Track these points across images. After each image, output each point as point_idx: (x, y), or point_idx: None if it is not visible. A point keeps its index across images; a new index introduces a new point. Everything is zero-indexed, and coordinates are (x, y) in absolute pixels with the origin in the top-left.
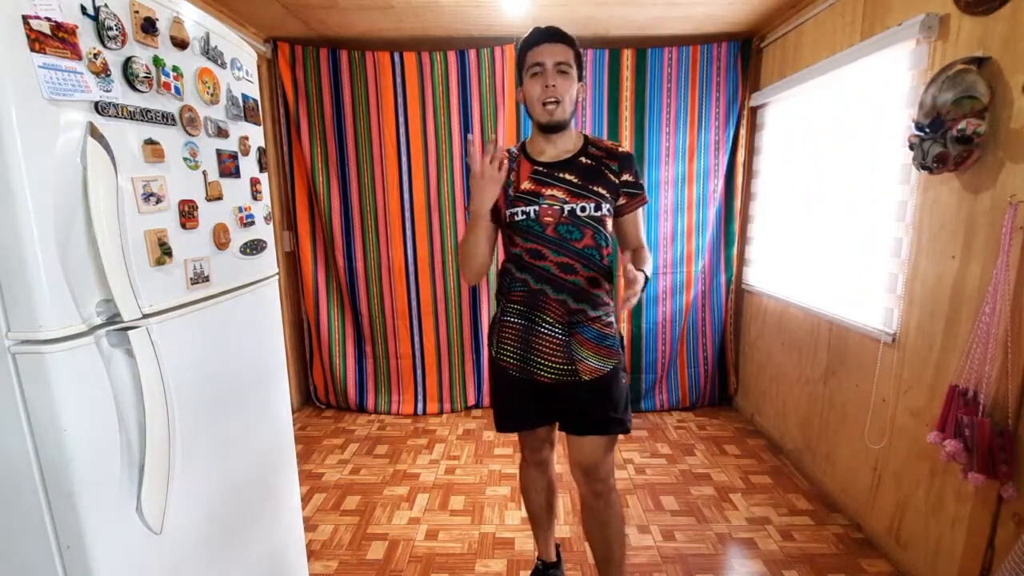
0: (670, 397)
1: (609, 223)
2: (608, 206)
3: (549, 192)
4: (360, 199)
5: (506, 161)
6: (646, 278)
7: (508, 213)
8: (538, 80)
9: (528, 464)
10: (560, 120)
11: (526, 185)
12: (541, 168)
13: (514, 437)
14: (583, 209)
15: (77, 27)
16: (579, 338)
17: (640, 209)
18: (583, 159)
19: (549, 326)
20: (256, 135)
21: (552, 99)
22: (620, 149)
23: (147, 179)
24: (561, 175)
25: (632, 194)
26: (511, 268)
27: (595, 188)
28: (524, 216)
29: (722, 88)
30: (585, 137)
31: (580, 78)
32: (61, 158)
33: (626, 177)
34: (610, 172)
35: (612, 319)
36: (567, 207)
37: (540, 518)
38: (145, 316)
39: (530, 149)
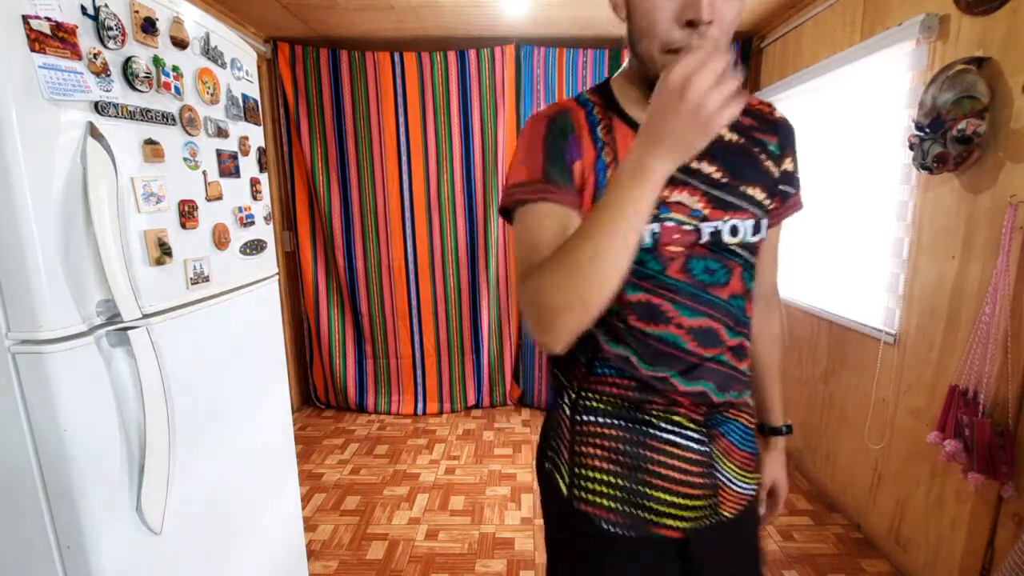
0: None
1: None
2: (767, 221)
3: (675, 195)
4: (360, 199)
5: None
6: (787, 430)
7: None
8: None
9: None
10: None
11: None
12: None
13: (514, 436)
14: (734, 231)
15: (77, 27)
16: (723, 444)
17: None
18: (727, 131)
19: (676, 428)
20: (256, 135)
21: (704, 18)
22: (777, 113)
23: (147, 179)
24: (693, 163)
25: (787, 194)
26: (595, 332)
27: (749, 190)
28: None
29: None
30: None
31: None
32: (61, 158)
33: (787, 165)
34: (767, 156)
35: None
36: (707, 227)
37: None
38: (145, 316)
39: (627, 102)
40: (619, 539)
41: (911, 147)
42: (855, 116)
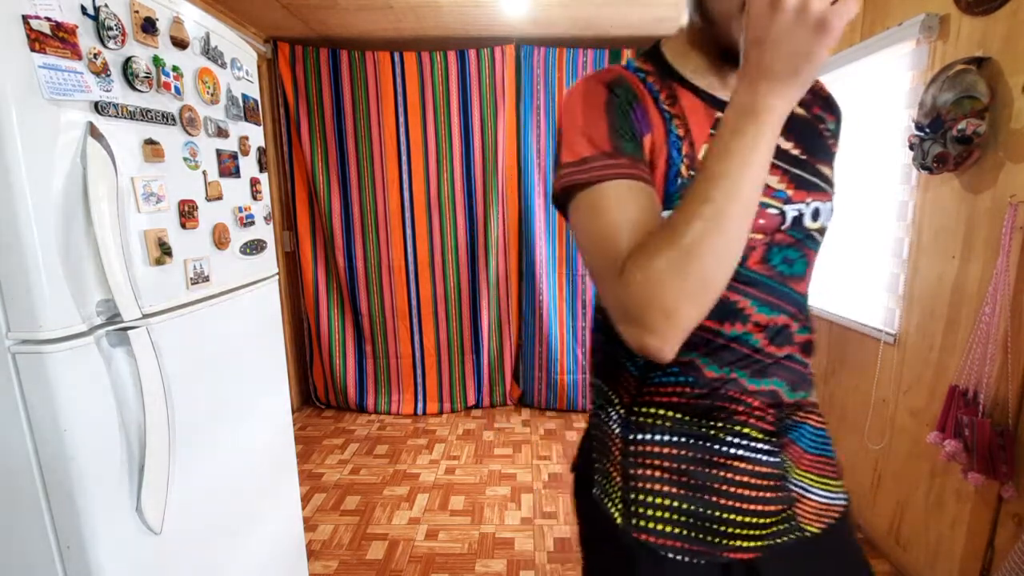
0: None
1: None
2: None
3: None
4: (360, 199)
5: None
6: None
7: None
8: None
9: None
10: None
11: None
12: None
13: (514, 436)
14: (816, 214)
15: (77, 27)
16: (793, 451)
17: None
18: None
19: (743, 441)
20: (256, 135)
21: None
22: (827, 90)
23: (147, 179)
24: None
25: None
26: None
27: (824, 168)
28: None
29: None
30: None
31: None
32: (61, 158)
33: (837, 149)
34: (829, 134)
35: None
36: (791, 210)
37: None
38: (145, 316)
39: (688, 71)
40: (686, 568)
41: (911, 147)
42: (855, 116)
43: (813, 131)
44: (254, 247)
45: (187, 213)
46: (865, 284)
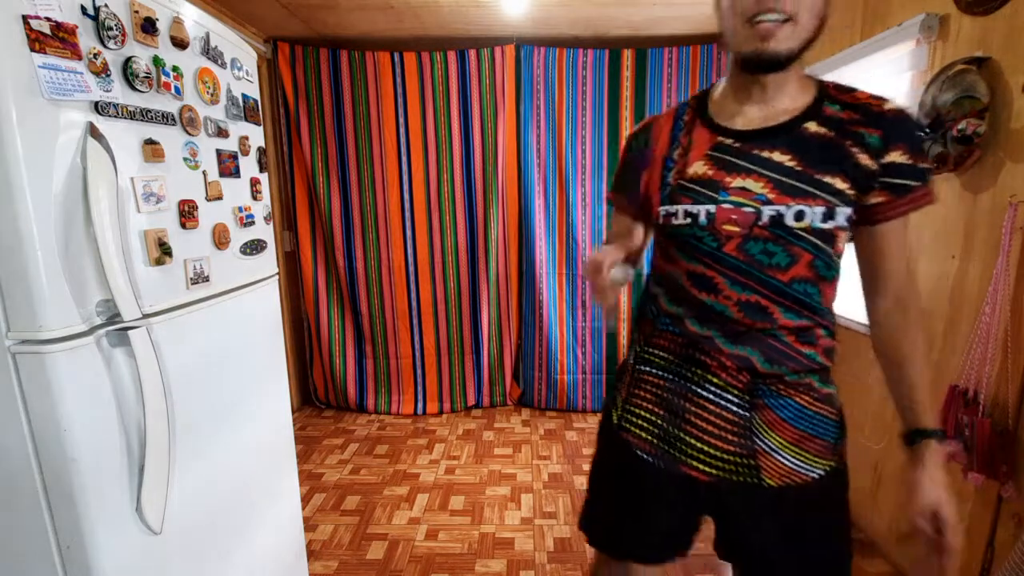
0: None
1: (843, 240)
2: (848, 211)
3: (737, 182)
4: (360, 199)
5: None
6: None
7: (662, 212)
8: None
9: None
10: (781, 53)
11: (699, 168)
12: (730, 141)
13: (514, 436)
14: (799, 216)
15: (77, 27)
16: (768, 416)
17: (909, 217)
18: (813, 125)
19: (715, 390)
20: (256, 135)
21: (773, 14)
22: (887, 106)
23: (147, 179)
24: (764, 153)
25: (901, 188)
26: (659, 294)
27: (825, 178)
28: (689, 220)
29: None
30: (822, 86)
31: None
32: (61, 158)
33: (893, 157)
34: (861, 148)
35: (831, 389)
36: (767, 210)
37: None
38: (145, 316)
39: (715, 107)
40: (650, 467)
41: None
42: None
43: (829, 146)
44: (254, 247)
45: (187, 213)
46: None
